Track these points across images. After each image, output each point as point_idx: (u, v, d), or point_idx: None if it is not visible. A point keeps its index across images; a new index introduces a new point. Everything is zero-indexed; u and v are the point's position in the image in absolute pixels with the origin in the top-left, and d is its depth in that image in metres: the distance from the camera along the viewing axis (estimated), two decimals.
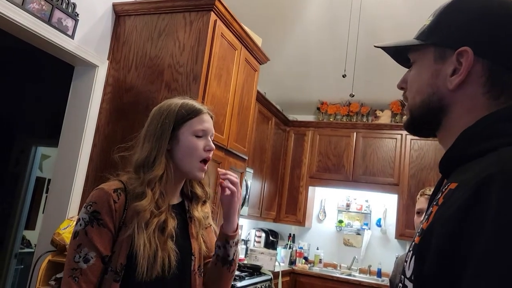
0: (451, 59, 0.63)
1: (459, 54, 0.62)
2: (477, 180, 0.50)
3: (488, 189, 0.48)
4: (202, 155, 1.17)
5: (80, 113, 2.39)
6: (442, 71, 0.64)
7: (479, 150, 0.56)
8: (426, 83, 0.66)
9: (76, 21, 2.25)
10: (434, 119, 0.66)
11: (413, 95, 0.69)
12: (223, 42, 2.47)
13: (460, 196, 0.51)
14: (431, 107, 0.65)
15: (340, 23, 3.74)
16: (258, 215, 4.19)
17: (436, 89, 0.65)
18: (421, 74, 0.67)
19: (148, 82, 2.37)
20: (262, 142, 4.12)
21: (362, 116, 4.83)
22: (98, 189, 1.09)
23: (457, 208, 0.51)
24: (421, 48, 0.68)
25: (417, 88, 0.68)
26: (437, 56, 0.65)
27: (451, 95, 0.63)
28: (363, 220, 4.68)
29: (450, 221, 0.51)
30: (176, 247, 1.11)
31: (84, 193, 2.35)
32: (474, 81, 0.61)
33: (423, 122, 0.68)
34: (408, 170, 4.24)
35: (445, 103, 0.64)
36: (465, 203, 0.50)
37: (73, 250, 1.03)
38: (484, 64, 0.61)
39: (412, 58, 0.70)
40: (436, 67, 0.65)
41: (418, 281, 0.56)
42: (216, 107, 2.45)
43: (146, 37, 2.44)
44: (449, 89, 0.63)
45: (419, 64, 0.68)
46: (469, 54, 0.61)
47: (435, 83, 0.65)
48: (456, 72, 0.62)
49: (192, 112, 1.18)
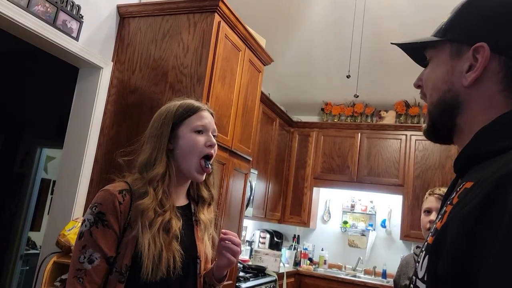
0: (467, 55, 0.62)
1: (475, 50, 0.60)
2: (493, 179, 0.49)
3: (504, 189, 0.47)
4: (203, 151, 1.17)
5: (85, 115, 2.40)
6: (457, 67, 0.63)
7: (495, 149, 0.55)
8: (441, 80, 0.65)
9: (81, 23, 2.26)
10: (449, 118, 0.64)
11: (430, 92, 0.68)
12: (227, 43, 2.47)
13: (476, 195, 0.50)
14: (447, 104, 0.64)
15: (344, 24, 3.73)
16: (263, 216, 4.18)
17: (451, 86, 0.63)
18: (437, 71, 0.66)
19: (152, 84, 2.37)
20: (267, 143, 4.11)
21: (366, 116, 4.81)
22: (104, 190, 1.10)
23: (472, 208, 0.50)
24: (438, 45, 0.67)
25: (432, 85, 0.67)
26: (453, 52, 0.64)
27: (466, 92, 0.62)
28: (368, 221, 4.66)
29: (465, 221, 0.50)
30: (182, 248, 1.11)
31: (89, 195, 2.35)
32: (491, 78, 0.60)
33: (441, 122, 0.66)
34: (413, 170, 4.22)
35: (460, 100, 0.62)
36: (480, 202, 0.49)
37: (78, 251, 1.04)
38: (501, 60, 0.59)
39: (428, 56, 0.69)
40: (452, 63, 0.64)
41: (432, 281, 0.55)
42: (220, 108, 2.45)
43: (150, 39, 2.45)
44: (464, 86, 0.61)
45: (435, 61, 0.67)
46: (485, 50, 0.59)
47: (451, 79, 0.63)
48: (472, 69, 0.61)
49: (191, 109, 1.20)
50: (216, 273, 1.23)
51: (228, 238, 1.19)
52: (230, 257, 1.18)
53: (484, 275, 0.46)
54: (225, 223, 2.63)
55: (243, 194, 2.93)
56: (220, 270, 1.22)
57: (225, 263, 1.20)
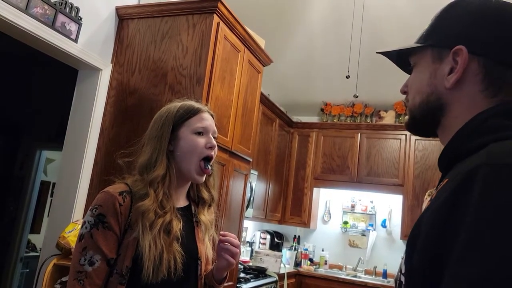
0: (447, 59, 0.64)
1: (455, 53, 0.63)
2: (465, 171, 0.52)
3: (474, 178, 0.49)
4: (203, 152, 1.17)
5: (84, 117, 2.40)
6: (439, 71, 0.65)
7: (475, 146, 0.57)
8: (425, 83, 0.67)
9: (80, 25, 2.26)
10: (433, 118, 0.67)
11: (413, 95, 0.70)
12: (226, 45, 2.47)
13: (448, 187, 0.53)
14: (430, 107, 0.66)
15: (343, 24, 3.73)
16: (263, 217, 4.18)
17: (434, 89, 0.66)
18: (420, 75, 0.69)
19: (151, 85, 2.37)
20: (267, 143, 4.11)
21: (366, 116, 4.81)
22: (104, 192, 1.10)
23: (444, 198, 0.52)
24: (420, 51, 0.69)
25: (416, 88, 0.69)
26: (435, 56, 0.67)
27: (449, 94, 0.64)
28: (368, 221, 4.66)
29: (436, 213, 0.52)
30: (182, 250, 1.11)
31: (89, 197, 2.35)
32: (471, 79, 0.62)
33: (423, 122, 0.69)
34: (413, 170, 4.22)
35: (443, 102, 0.65)
36: (451, 193, 0.51)
37: (79, 253, 1.04)
38: (480, 61, 0.62)
39: (412, 62, 0.72)
40: (434, 67, 0.66)
41: (409, 274, 0.57)
42: (220, 109, 2.44)
43: (149, 40, 2.44)
44: (447, 88, 0.64)
45: (419, 66, 0.70)
46: (464, 52, 0.62)
47: (433, 82, 0.66)
48: (453, 71, 0.63)
49: (191, 111, 1.20)
50: (216, 274, 1.23)
51: (227, 240, 1.19)
52: (229, 258, 1.18)
53: (455, 252, 0.47)
54: (225, 224, 2.63)
55: (243, 195, 2.93)
56: (219, 272, 1.22)
57: (224, 264, 1.20)
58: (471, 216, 0.47)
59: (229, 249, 1.18)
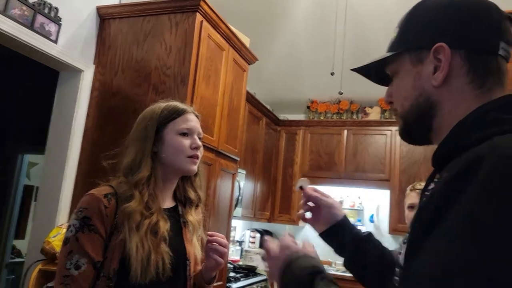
0: (428, 59, 0.64)
1: (435, 51, 0.63)
2: (468, 159, 0.51)
3: (477, 167, 0.48)
4: (188, 153, 1.17)
5: (66, 119, 2.36)
6: (423, 72, 0.65)
7: (474, 140, 0.56)
8: (411, 87, 0.67)
9: (59, 25, 2.21)
10: (425, 120, 0.66)
11: (401, 102, 0.70)
12: (210, 43, 2.46)
13: (449, 174, 0.52)
14: (421, 108, 0.66)
15: (327, 21, 3.74)
16: (252, 216, 4.17)
17: (422, 90, 0.66)
18: (404, 81, 0.69)
19: (135, 85, 2.34)
20: (254, 142, 4.10)
21: (352, 113, 4.84)
22: (88, 195, 1.08)
23: (444, 183, 0.52)
24: (397, 59, 0.69)
25: (403, 95, 0.69)
26: (414, 60, 0.66)
27: (437, 92, 0.64)
28: (356, 216, 4.69)
29: (437, 195, 0.52)
30: (170, 250, 1.10)
31: (73, 200, 2.31)
32: (457, 73, 0.63)
33: (417, 125, 0.68)
34: (399, 165, 4.26)
35: (433, 101, 0.65)
36: (453, 177, 0.51)
37: (64, 257, 1.02)
38: (461, 54, 0.62)
39: (390, 71, 0.72)
40: (416, 69, 0.66)
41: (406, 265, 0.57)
42: (205, 108, 2.43)
43: (131, 40, 2.41)
44: (435, 86, 0.64)
45: (399, 73, 0.70)
46: (446, 49, 0.62)
47: (420, 84, 0.66)
48: (437, 69, 0.63)
49: (176, 112, 1.19)
50: (205, 275, 1.22)
51: (214, 240, 1.19)
52: (218, 258, 1.18)
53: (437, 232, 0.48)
54: (213, 224, 2.61)
55: (231, 194, 2.92)
56: (208, 272, 1.22)
57: (213, 264, 1.20)
58: (465, 201, 0.47)
59: (217, 249, 1.18)
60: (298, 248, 0.78)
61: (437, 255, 0.46)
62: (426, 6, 0.67)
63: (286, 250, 0.77)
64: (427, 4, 0.68)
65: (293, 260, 0.73)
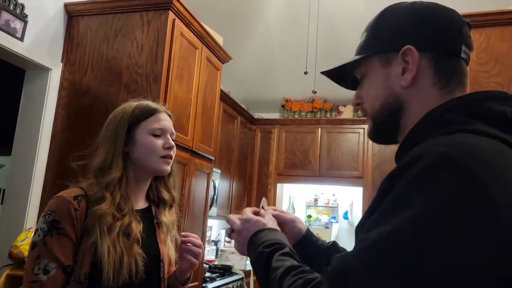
0: (396, 61, 0.67)
1: (403, 53, 0.66)
2: (410, 156, 0.56)
3: (416, 162, 0.53)
4: (161, 153, 1.15)
5: (34, 119, 2.29)
6: (392, 73, 0.68)
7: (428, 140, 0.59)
8: (380, 88, 0.70)
9: (25, 22, 2.14)
10: (394, 120, 0.69)
11: (371, 102, 0.72)
12: (183, 42, 2.43)
13: (393, 170, 0.57)
14: (390, 108, 0.69)
15: (300, 20, 3.77)
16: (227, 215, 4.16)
17: (391, 91, 0.69)
18: (374, 82, 0.71)
19: (105, 84, 2.29)
20: (229, 141, 4.10)
21: (325, 112, 4.91)
22: (57, 197, 1.06)
23: (385, 178, 0.58)
24: (366, 62, 0.72)
25: (373, 95, 0.72)
26: (383, 62, 0.70)
27: (406, 93, 0.67)
28: (331, 213, 4.77)
29: (380, 187, 0.58)
30: (144, 252, 1.08)
31: (42, 203, 2.25)
32: (424, 74, 0.66)
33: (385, 125, 0.71)
34: (371, 163, 4.35)
35: (401, 101, 0.68)
36: (394, 172, 0.56)
37: (32, 262, 1.00)
38: (428, 56, 0.66)
39: (359, 74, 0.75)
40: (385, 71, 0.69)
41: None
42: (179, 107, 2.41)
43: (101, 38, 2.36)
44: (403, 87, 0.67)
45: (369, 75, 0.72)
46: (413, 51, 0.65)
47: (389, 85, 0.69)
48: (406, 71, 0.66)
49: (147, 111, 1.17)
50: (179, 276, 1.21)
51: (188, 240, 1.18)
52: (192, 259, 1.17)
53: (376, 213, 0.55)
54: (188, 224, 2.59)
55: (206, 194, 2.90)
56: (183, 273, 1.21)
57: (187, 265, 1.19)
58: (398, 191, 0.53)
59: (191, 249, 1.17)
60: (259, 219, 0.80)
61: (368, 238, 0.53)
62: (393, 11, 0.71)
63: (246, 223, 0.80)
64: (394, 9, 0.71)
65: (257, 233, 0.77)
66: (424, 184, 0.51)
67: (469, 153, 0.52)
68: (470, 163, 0.50)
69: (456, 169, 0.50)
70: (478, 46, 2.02)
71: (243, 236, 0.79)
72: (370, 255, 0.51)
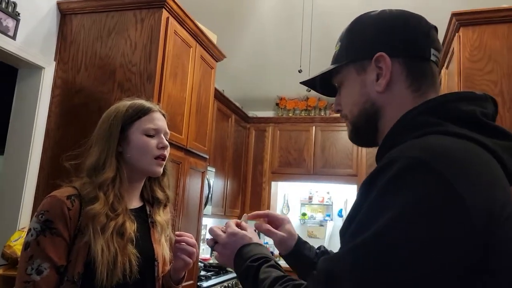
0: (370, 68, 0.71)
1: (376, 60, 0.70)
2: (384, 162, 0.58)
3: (390, 167, 0.56)
4: (155, 153, 1.14)
5: (27, 118, 2.27)
6: (367, 80, 0.71)
7: (403, 142, 0.62)
8: (358, 94, 0.73)
9: (18, 21, 2.12)
10: (372, 124, 0.72)
11: (350, 108, 0.75)
12: (177, 40, 2.42)
13: (370, 174, 0.60)
14: (368, 113, 0.72)
15: (294, 19, 3.78)
16: (222, 214, 4.16)
17: (368, 96, 0.72)
18: (351, 89, 0.74)
19: (99, 83, 2.28)
20: (223, 140, 4.09)
21: (320, 110, 4.92)
22: (50, 197, 1.05)
23: (364, 182, 0.61)
24: (342, 70, 0.75)
25: (351, 101, 0.75)
26: (358, 69, 0.73)
27: (381, 97, 0.70)
28: (326, 211, 4.78)
29: (359, 190, 0.61)
30: (138, 251, 1.08)
31: (35, 202, 2.23)
32: (397, 78, 0.69)
33: (364, 130, 0.74)
34: (365, 160, 4.37)
35: (378, 106, 0.71)
36: (370, 177, 0.59)
37: (25, 262, 0.99)
38: (400, 61, 0.69)
39: (337, 82, 0.78)
40: (361, 78, 0.72)
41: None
42: (173, 106, 2.40)
43: (95, 36, 2.35)
44: (379, 92, 0.70)
45: (346, 82, 0.75)
46: (385, 57, 0.69)
47: (365, 91, 0.72)
48: (380, 76, 0.70)
49: (141, 111, 1.16)
50: (173, 275, 1.21)
51: (182, 240, 1.17)
52: (186, 258, 1.17)
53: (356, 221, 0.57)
54: (183, 223, 2.59)
55: (201, 192, 2.90)
56: (177, 272, 1.21)
57: (181, 265, 1.18)
58: (375, 195, 0.56)
59: (185, 248, 1.17)
60: (245, 233, 0.84)
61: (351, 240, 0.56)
62: (364, 21, 0.74)
63: (233, 237, 0.83)
64: (364, 19, 0.74)
65: (243, 247, 0.80)
66: (398, 188, 0.53)
67: (441, 155, 0.54)
68: (442, 166, 0.53)
69: (428, 172, 0.53)
70: (471, 44, 2.04)
71: (230, 249, 0.81)
72: (354, 258, 0.54)
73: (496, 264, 0.53)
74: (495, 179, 0.57)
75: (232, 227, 0.86)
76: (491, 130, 0.62)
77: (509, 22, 2.00)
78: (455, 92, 0.67)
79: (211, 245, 0.87)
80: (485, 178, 0.55)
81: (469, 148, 0.58)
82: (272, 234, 0.99)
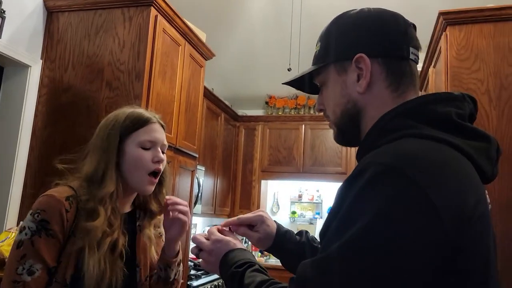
0: (351, 68, 0.71)
1: (356, 61, 0.70)
2: (358, 167, 0.60)
3: (364, 172, 0.57)
4: (149, 168, 1.10)
5: (13, 117, 2.23)
6: (348, 81, 0.72)
7: (383, 143, 0.63)
8: (339, 95, 0.73)
9: (3, 18, 2.08)
10: (354, 124, 0.73)
11: (332, 109, 0.75)
12: (166, 38, 2.41)
13: (347, 178, 0.62)
14: (349, 114, 0.73)
15: (283, 17, 3.78)
16: (212, 212, 4.16)
17: (349, 97, 0.72)
18: (333, 90, 0.75)
19: (87, 82, 2.25)
20: (213, 138, 4.08)
21: (309, 108, 4.93)
22: (48, 196, 1.01)
23: (340, 187, 0.63)
24: (323, 70, 0.75)
25: (333, 102, 0.75)
26: (339, 70, 0.73)
27: (362, 98, 0.71)
28: (315, 209, 4.81)
29: (337, 193, 0.63)
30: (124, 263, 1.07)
31: (22, 202, 2.20)
32: (377, 79, 0.70)
33: (347, 130, 0.75)
34: (354, 158, 4.40)
35: (359, 106, 0.71)
36: (347, 181, 0.61)
37: (16, 261, 0.96)
38: (379, 62, 0.70)
39: (319, 82, 0.78)
40: (342, 79, 0.73)
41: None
42: (162, 105, 2.38)
43: (82, 34, 2.32)
44: (360, 93, 0.70)
45: (327, 82, 0.76)
46: (365, 58, 0.69)
47: (346, 92, 0.72)
48: (360, 77, 0.70)
49: (138, 122, 1.11)
50: (167, 250, 1.17)
51: (173, 202, 1.14)
52: (181, 216, 1.13)
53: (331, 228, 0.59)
54: None
55: (191, 191, 2.89)
56: (171, 244, 1.16)
57: (177, 229, 1.14)
58: (349, 202, 0.57)
59: (177, 208, 1.13)
60: (229, 240, 0.84)
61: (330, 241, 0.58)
62: (342, 22, 0.74)
63: (217, 243, 0.83)
64: (343, 19, 0.75)
65: (228, 253, 0.81)
66: (370, 194, 0.55)
67: (412, 161, 0.55)
68: (412, 171, 0.54)
69: (399, 177, 0.54)
70: (458, 43, 2.06)
71: (215, 256, 0.82)
72: (327, 264, 0.56)
73: (465, 265, 0.54)
74: (466, 180, 0.58)
75: (216, 234, 0.86)
76: (465, 131, 0.63)
77: (495, 21, 2.03)
78: (433, 94, 0.68)
79: (195, 253, 0.87)
80: (456, 181, 0.56)
81: (442, 150, 0.59)
82: (249, 236, 0.99)
